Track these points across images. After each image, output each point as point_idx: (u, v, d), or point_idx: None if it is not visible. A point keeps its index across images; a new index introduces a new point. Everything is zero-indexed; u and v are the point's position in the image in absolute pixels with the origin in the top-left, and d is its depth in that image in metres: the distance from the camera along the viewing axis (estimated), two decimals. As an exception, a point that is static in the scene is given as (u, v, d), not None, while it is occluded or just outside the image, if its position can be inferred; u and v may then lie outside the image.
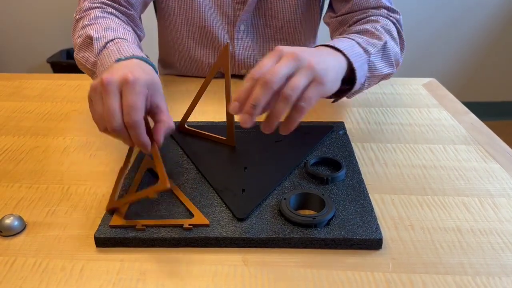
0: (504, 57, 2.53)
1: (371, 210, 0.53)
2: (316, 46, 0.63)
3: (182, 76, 1.02)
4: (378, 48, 0.69)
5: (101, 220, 0.52)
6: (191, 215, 0.53)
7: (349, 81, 0.64)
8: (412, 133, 0.75)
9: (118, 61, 0.60)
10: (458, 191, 0.59)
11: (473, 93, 2.61)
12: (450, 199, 0.58)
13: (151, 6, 0.98)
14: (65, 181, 0.62)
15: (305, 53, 0.52)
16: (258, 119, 0.51)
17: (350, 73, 0.63)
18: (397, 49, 0.76)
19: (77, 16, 0.79)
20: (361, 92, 0.74)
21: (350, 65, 0.62)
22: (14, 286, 0.45)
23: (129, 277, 0.46)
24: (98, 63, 0.67)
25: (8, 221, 0.52)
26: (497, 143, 0.71)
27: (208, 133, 0.69)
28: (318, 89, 0.52)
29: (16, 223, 0.52)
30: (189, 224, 0.51)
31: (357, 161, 0.64)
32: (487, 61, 2.54)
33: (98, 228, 0.51)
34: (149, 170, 0.61)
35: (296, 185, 0.58)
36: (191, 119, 0.72)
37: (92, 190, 0.60)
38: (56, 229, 0.53)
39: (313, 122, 0.76)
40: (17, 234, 0.52)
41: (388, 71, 0.73)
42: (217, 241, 0.50)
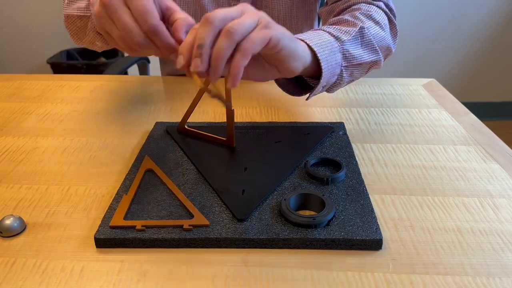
0: (504, 57, 2.53)
1: (371, 211, 0.53)
2: None
3: (182, 76, 1.02)
4: (353, 35, 0.64)
5: (101, 220, 0.52)
6: (191, 215, 0.53)
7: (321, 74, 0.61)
8: (412, 134, 0.75)
9: None
10: (458, 191, 0.59)
11: (473, 93, 2.61)
12: (450, 199, 0.58)
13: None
14: (65, 181, 0.62)
15: (269, 17, 0.49)
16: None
17: (320, 66, 0.60)
18: (382, 34, 0.72)
19: None
20: (345, 84, 0.70)
21: (315, 55, 0.58)
22: (14, 287, 0.45)
23: (129, 277, 0.46)
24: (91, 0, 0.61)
25: (8, 222, 0.52)
26: (497, 144, 0.71)
27: (208, 134, 0.69)
28: (264, 31, 0.47)
29: (16, 224, 0.52)
30: (189, 225, 0.51)
31: (357, 161, 0.64)
32: (487, 61, 2.54)
33: (98, 229, 0.51)
34: (149, 170, 0.62)
35: (296, 185, 0.58)
36: (191, 119, 0.72)
37: (92, 191, 0.60)
38: (56, 230, 0.53)
39: (313, 122, 0.76)
40: (17, 235, 0.52)
41: (372, 58, 0.68)
42: (217, 241, 0.50)
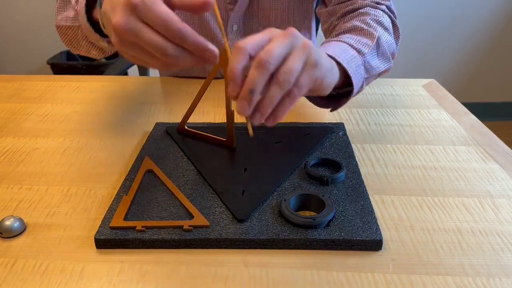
0: (504, 57, 2.53)
1: (371, 211, 0.53)
2: None
3: (182, 77, 1.02)
4: (372, 47, 0.66)
5: (101, 221, 0.52)
6: (191, 216, 0.53)
7: (346, 87, 0.62)
8: (412, 134, 0.75)
9: (100, 4, 0.52)
10: (458, 192, 0.59)
11: (473, 94, 2.61)
12: (450, 200, 0.58)
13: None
14: (65, 182, 0.62)
15: (298, 33, 0.49)
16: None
17: (346, 79, 0.60)
18: (391, 40, 0.74)
19: None
20: (358, 94, 0.73)
21: (345, 72, 0.59)
22: (14, 288, 0.45)
23: (129, 278, 0.46)
24: (78, 8, 0.61)
25: (8, 222, 0.52)
26: (497, 144, 0.71)
27: (208, 134, 0.69)
28: (312, 72, 0.48)
29: (16, 224, 0.52)
30: (189, 225, 0.51)
31: (357, 162, 0.64)
32: (486, 62, 2.54)
33: (98, 230, 0.51)
34: (149, 171, 0.62)
35: (296, 186, 0.58)
36: (191, 120, 0.72)
37: (93, 191, 0.60)
38: (56, 230, 0.53)
39: (313, 123, 0.76)
40: (17, 235, 0.52)
41: (386, 67, 0.70)
42: (217, 242, 0.50)
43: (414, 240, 0.51)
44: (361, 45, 0.65)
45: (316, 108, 0.74)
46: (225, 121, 0.66)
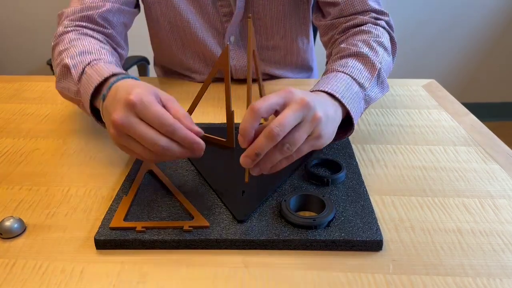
0: (504, 58, 2.53)
1: (371, 212, 0.53)
2: (313, 91, 0.61)
3: (181, 79, 1.02)
4: (374, 79, 0.67)
5: (101, 222, 0.52)
6: (191, 217, 0.53)
7: (345, 122, 0.63)
8: (412, 134, 0.75)
9: (103, 98, 0.57)
10: (458, 192, 0.59)
11: (473, 94, 2.61)
12: (450, 200, 0.58)
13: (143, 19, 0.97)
14: (65, 183, 0.62)
15: (313, 102, 0.52)
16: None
17: (347, 113, 0.61)
18: (390, 60, 0.75)
19: (53, 43, 0.78)
20: None
21: (348, 112, 0.61)
22: (14, 289, 0.45)
23: (129, 279, 0.46)
24: (81, 90, 0.65)
25: (8, 223, 0.52)
26: (497, 144, 0.71)
27: (208, 135, 0.69)
28: (314, 143, 0.53)
29: (16, 225, 0.52)
30: (189, 226, 0.51)
31: (357, 162, 0.64)
32: (486, 62, 2.54)
33: (98, 230, 0.51)
34: (149, 172, 0.62)
35: (296, 186, 0.58)
36: (191, 120, 0.71)
37: (92, 192, 0.60)
38: (56, 231, 0.53)
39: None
40: (17, 236, 0.52)
41: (384, 93, 0.71)
42: (217, 243, 0.50)
43: (415, 240, 0.51)
44: (364, 79, 0.66)
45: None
46: (225, 121, 0.66)
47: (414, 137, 0.74)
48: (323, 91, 0.60)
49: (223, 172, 0.61)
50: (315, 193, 0.55)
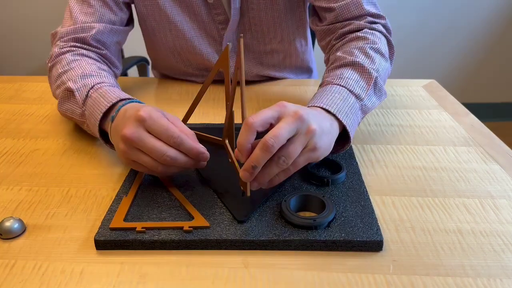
0: (504, 58, 2.53)
1: (372, 212, 0.53)
2: (310, 106, 0.61)
3: (181, 80, 1.02)
4: (370, 88, 0.67)
5: (101, 222, 0.52)
6: (191, 217, 0.53)
7: (343, 135, 0.63)
8: (412, 135, 0.74)
9: (112, 120, 0.61)
10: (459, 192, 0.59)
11: (473, 94, 2.61)
12: (450, 200, 0.58)
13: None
14: (65, 183, 0.62)
15: (307, 115, 0.53)
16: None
17: (344, 129, 0.62)
18: (387, 66, 0.75)
19: (49, 64, 0.79)
20: None
21: (344, 126, 0.61)
22: (14, 289, 0.45)
23: (129, 279, 0.46)
24: (86, 112, 0.67)
25: (8, 223, 0.52)
26: (497, 144, 0.71)
27: (208, 135, 0.69)
28: (310, 155, 0.54)
29: (16, 225, 0.52)
30: (189, 226, 0.50)
31: (357, 162, 0.64)
32: (487, 62, 2.54)
33: (98, 231, 0.51)
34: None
35: (297, 187, 0.58)
36: (190, 121, 0.71)
37: (92, 192, 0.60)
38: (56, 231, 0.53)
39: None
40: (17, 237, 0.52)
41: (381, 100, 0.71)
42: (217, 243, 0.50)
43: (415, 240, 0.51)
44: (360, 89, 0.66)
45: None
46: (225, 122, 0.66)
47: (414, 137, 0.74)
48: (319, 107, 0.61)
49: (223, 172, 0.61)
50: (315, 193, 0.55)
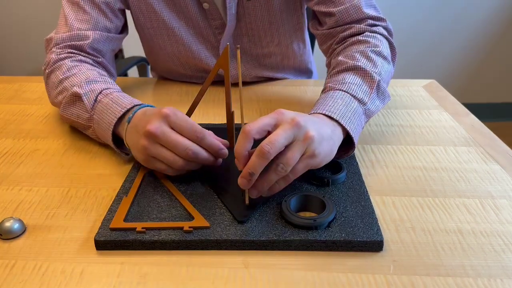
0: (504, 58, 2.53)
1: (372, 212, 0.53)
2: (312, 113, 0.61)
3: (181, 81, 1.02)
4: (373, 92, 0.67)
5: (101, 222, 0.52)
6: (191, 217, 0.53)
7: (347, 140, 0.62)
8: (413, 135, 0.74)
9: (129, 121, 0.62)
10: (459, 192, 0.59)
11: (473, 94, 2.61)
12: (451, 200, 0.58)
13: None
14: (65, 184, 0.62)
15: (304, 121, 0.53)
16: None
17: (348, 134, 0.61)
18: (390, 68, 0.74)
19: (47, 70, 0.78)
20: None
21: (348, 132, 0.60)
22: (14, 290, 0.45)
23: (129, 280, 0.46)
24: (96, 117, 0.67)
25: (8, 224, 0.52)
26: (497, 144, 0.71)
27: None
28: (309, 162, 0.53)
29: (16, 226, 0.52)
30: (190, 227, 0.50)
31: (357, 163, 0.64)
32: (487, 62, 2.54)
33: (98, 231, 0.51)
34: (149, 172, 0.61)
35: (297, 187, 0.58)
36: (191, 121, 0.71)
37: (92, 193, 0.60)
38: (56, 232, 0.53)
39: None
40: (17, 237, 0.52)
41: (385, 103, 0.71)
42: (217, 243, 0.49)
43: (415, 241, 0.51)
44: (363, 93, 0.66)
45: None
46: (225, 122, 0.66)
47: (414, 138, 0.74)
48: (321, 114, 0.60)
49: (224, 172, 0.61)
50: (315, 193, 0.55)
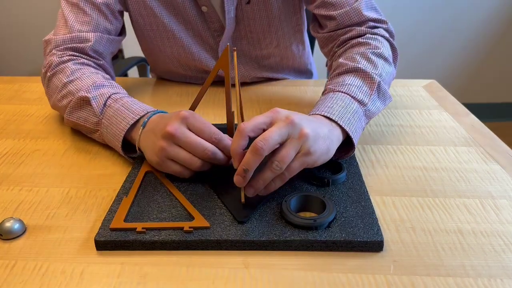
0: (504, 58, 2.53)
1: (372, 212, 0.53)
2: (311, 115, 0.61)
3: (180, 82, 1.02)
4: (373, 93, 0.67)
5: (102, 223, 0.52)
6: (191, 217, 0.53)
7: (348, 141, 0.62)
8: (413, 135, 0.74)
9: (144, 125, 0.63)
10: (459, 192, 0.59)
11: (473, 94, 2.61)
12: (451, 200, 0.58)
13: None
14: (65, 184, 0.62)
15: (299, 119, 0.53)
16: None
17: (348, 135, 0.61)
18: (391, 70, 0.74)
19: (49, 73, 0.77)
20: None
21: (347, 132, 0.60)
22: (14, 290, 0.45)
23: (129, 280, 0.46)
24: (105, 122, 0.67)
25: (8, 224, 0.52)
26: (497, 144, 0.71)
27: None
28: (304, 160, 0.54)
29: (16, 226, 0.52)
30: (190, 227, 0.50)
31: (357, 163, 0.64)
32: (487, 62, 2.54)
33: (98, 231, 0.51)
34: (149, 172, 0.61)
35: (297, 187, 0.58)
36: (191, 121, 0.71)
37: (92, 193, 0.60)
38: (56, 232, 0.53)
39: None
40: (17, 237, 0.52)
41: (386, 104, 0.71)
42: (217, 243, 0.49)
43: (415, 241, 0.51)
44: (363, 94, 0.66)
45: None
46: (225, 122, 0.66)
47: (414, 138, 0.74)
48: (319, 115, 0.61)
49: (224, 172, 0.61)
50: (315, 193, 0.55)
